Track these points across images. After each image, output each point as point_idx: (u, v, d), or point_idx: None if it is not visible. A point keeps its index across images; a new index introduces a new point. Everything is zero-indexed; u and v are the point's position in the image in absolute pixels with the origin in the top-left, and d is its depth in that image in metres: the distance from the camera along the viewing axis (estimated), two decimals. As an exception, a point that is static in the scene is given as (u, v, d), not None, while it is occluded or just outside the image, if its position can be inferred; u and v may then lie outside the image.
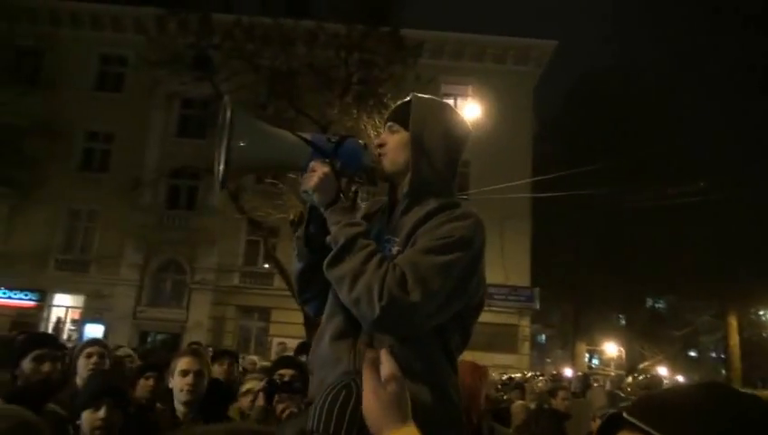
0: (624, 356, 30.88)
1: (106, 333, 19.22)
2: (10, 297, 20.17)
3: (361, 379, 1.27)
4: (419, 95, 1.70)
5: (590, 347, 31.89)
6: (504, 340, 19.52)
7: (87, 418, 2.24)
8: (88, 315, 20.24)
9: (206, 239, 20.44)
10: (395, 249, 1.50)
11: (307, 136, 1.57)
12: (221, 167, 1.49)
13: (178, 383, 2.67)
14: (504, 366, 17.13)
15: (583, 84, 28.19)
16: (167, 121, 21.90)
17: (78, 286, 20.47)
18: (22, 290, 20.18)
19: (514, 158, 20.48)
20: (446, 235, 1.45)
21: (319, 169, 1.50)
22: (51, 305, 20.73)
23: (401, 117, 1.65)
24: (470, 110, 17.31)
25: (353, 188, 1.67)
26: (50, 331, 19.91)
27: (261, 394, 2.72)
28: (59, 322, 20.47)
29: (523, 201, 19.88)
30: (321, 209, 1.51)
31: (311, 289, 1.66)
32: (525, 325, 20.53)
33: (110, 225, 20.32)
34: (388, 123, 1.68)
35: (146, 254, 20.54)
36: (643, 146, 22.95)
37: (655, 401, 0.66)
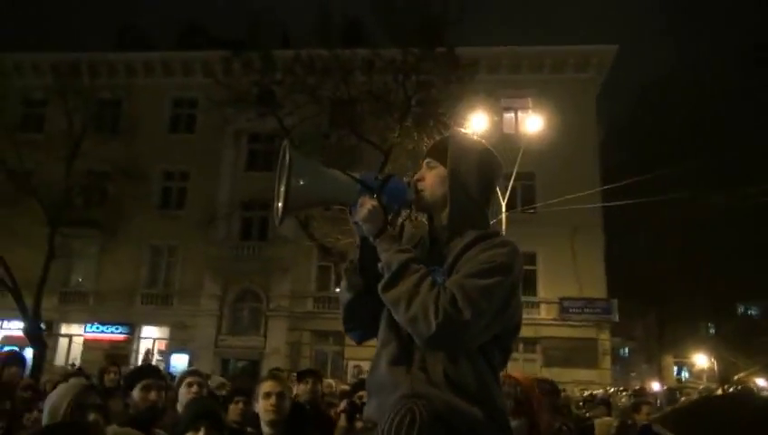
0: (716, 368, 29.10)
1: (190, 362, 20.11)
2: (103, 331, 21.49)
3: (422, 402, 1.39)
4: (455, 133, 1.82)
5: (677, 359, 30.27)
6: (582, 354, 18.90)
7: None
8: (173, 346, 21.24)
9: (280, 267, 21.08)
10: (440, 279, 1.59)
11: (356, 175, 1.71)
12: (280, 204, 1.64)
13: (262, 405, 2.86)
14: (585, 382, 16.57)
15: (652, 87, 27.27)
16: (236, 157, 22.88)
17: (163, 319, 21.57)
18: (113, 324, 21.47)
19: (581, 167, 20.01)
20: (487, 260, 1.55)
21: (368, 203, 1.63)
22: (140, 338, 21.90)
23: (438, 154, 1.76)
24: (531, 122, 17.11)
25: (399, 222, 1.79)
26: (139, 362, 21.05)
27: (343, 415, 2.86)
28: (147, 353, 21.55)
29: (594, 211, 19.30)
30: (371, 238, 1.64)
31: (356, 319, 1.77)
32: (605, 338, 19.79)
33: (189, 259, 21.35)
34: (426, 160, 1.79)
35: (223, 285, 21.39)
36: (722, 146, 21.88)
37: (683, 413, 0.73)
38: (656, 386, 21.45)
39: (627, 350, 38.69)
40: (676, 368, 30.36)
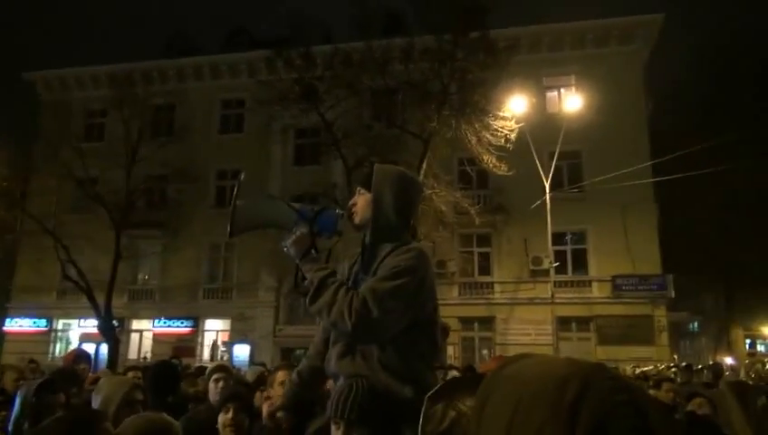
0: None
1: (252, 352, 21.08)
2: (170, 326, 22.77)
3: (361, 379, 1.75)
4: (378, 166, 2.17)
5: (747, 332, 29.14)
6: (638, 332, 18.59)
7: (220, 419, 2.90)
8: (234, 337, 22.25)
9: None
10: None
11: (296, 205, 2.14)
12: (229, 221, 2.05)
13: (278, 392, 3.16)
14: (642, 359, 16.37)
15: (708, 50, 25.95)
16: (284, 153, 23.54)
17: (224, 311, 22.63)
18: (179, 318, 22.71)
19: (629, 142, 19.52)
20: (394, 265, 1.93)
21: (298, 231, 2.04)
22: (204, 330, 23.07)
23: (366, 182, 2.13)
24: (573, 100, 16.87)
25: (329, 247, 2.18)
26: (206, 354, 22.23)
27: None
28: (214, 345, 22.70)
29: (645, 186, 18.74)
30: (296, 261, 2.04)
31: None
32: (661, 315, 19.35)
33: (245, 254, 22.20)
34: (358, 187, 2.17)
35: (278, 277, 22.14)
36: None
37: None
38: (729, 360, 20.76)
39: (696, 324, 37.46)
40: (748, 341, 29.27)
